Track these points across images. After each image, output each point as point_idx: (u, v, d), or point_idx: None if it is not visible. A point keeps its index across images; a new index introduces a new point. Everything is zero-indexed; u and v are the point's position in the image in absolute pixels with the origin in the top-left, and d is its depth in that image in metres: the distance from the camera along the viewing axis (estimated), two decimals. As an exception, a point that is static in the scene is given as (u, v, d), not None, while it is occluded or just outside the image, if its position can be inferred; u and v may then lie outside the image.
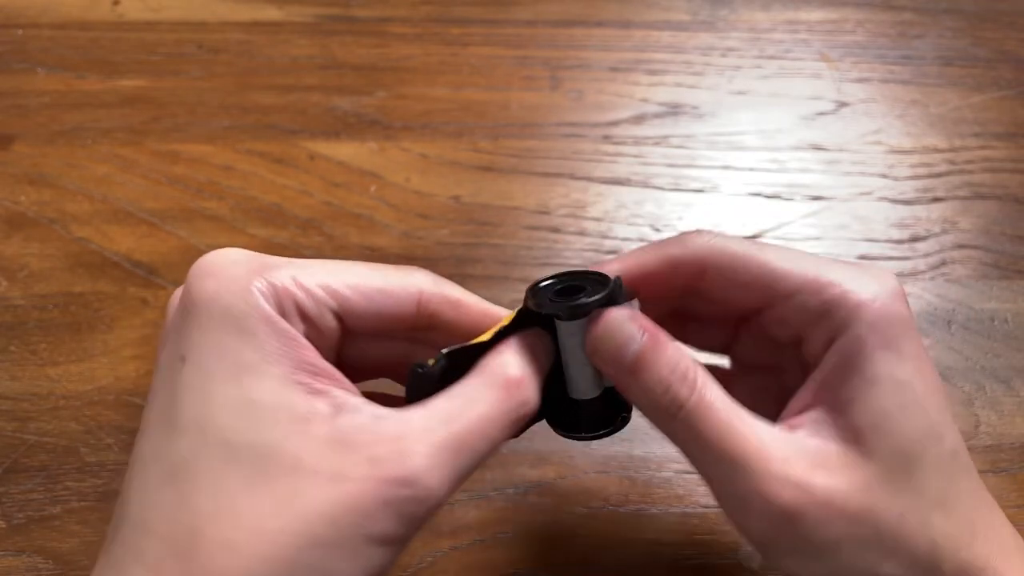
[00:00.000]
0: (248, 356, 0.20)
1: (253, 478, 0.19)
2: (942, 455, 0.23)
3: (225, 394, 0.20)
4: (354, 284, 0.23)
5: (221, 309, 0.21)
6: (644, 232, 0.43)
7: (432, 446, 0.20)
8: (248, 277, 0.21)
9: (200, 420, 0.20)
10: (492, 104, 0.48)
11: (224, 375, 0.20)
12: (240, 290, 0.21)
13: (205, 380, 0.20)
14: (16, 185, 0.44)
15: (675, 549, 0.33)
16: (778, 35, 0.53)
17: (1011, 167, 0.46)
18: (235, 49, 0.51)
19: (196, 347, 0.20)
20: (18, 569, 0.32)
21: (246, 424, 0.20)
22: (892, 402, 0.22)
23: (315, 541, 0.19)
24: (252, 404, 0.20)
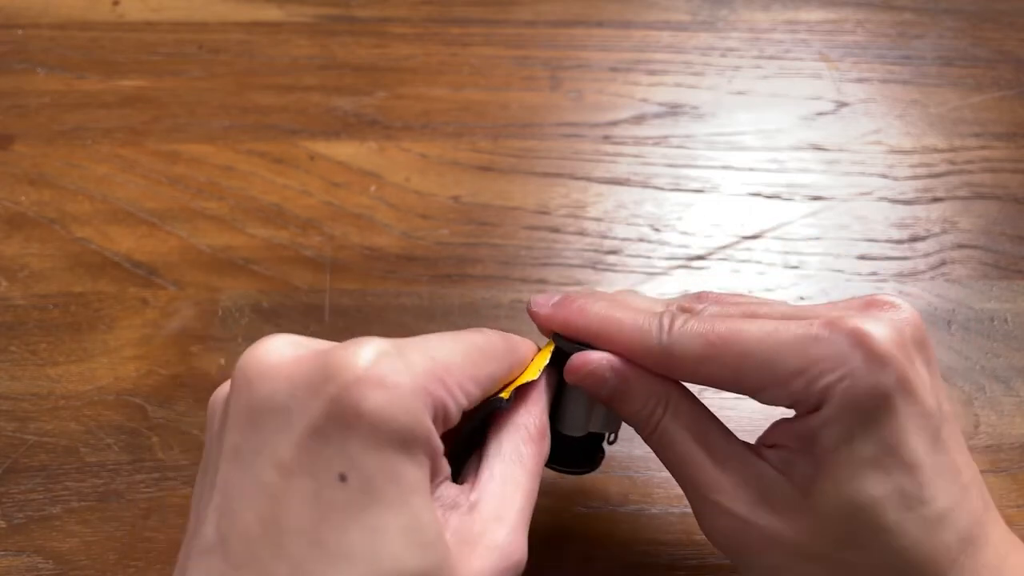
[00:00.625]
0: (413, 475, 0.19)
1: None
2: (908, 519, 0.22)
3: (397, 518, 0.19)
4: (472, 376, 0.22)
5: (392, 427, 0.19)
6: (644, 232, 0.43)
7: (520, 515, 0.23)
8: (416, 393, 0.19)
9: (375, 549, 0.18)
10: (492, 104, 0.48)
11: (395, 498, 0.19)
12: (413, 407, 0.19)
13: (374, 501, 0.19)
14: (16, 185, 0.44)
15: (675, 549, 0.33)
16: (778, 35, 0.53)
17: (1011, 167, 0.46)
18: (235, 49, 0.51)
19: (364, 467, 0.19)
20: (18, 569, 0.32)
21: (416, 550, 0.19)
22: (848, 471, 0.23)
23: None
24: (418, 527, 0.19)
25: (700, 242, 0.42)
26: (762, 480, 0.24)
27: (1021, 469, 0.35)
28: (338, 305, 0.40)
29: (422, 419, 0.19)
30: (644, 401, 0.26)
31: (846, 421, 0.22)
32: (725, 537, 0.25)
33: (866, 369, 0.22)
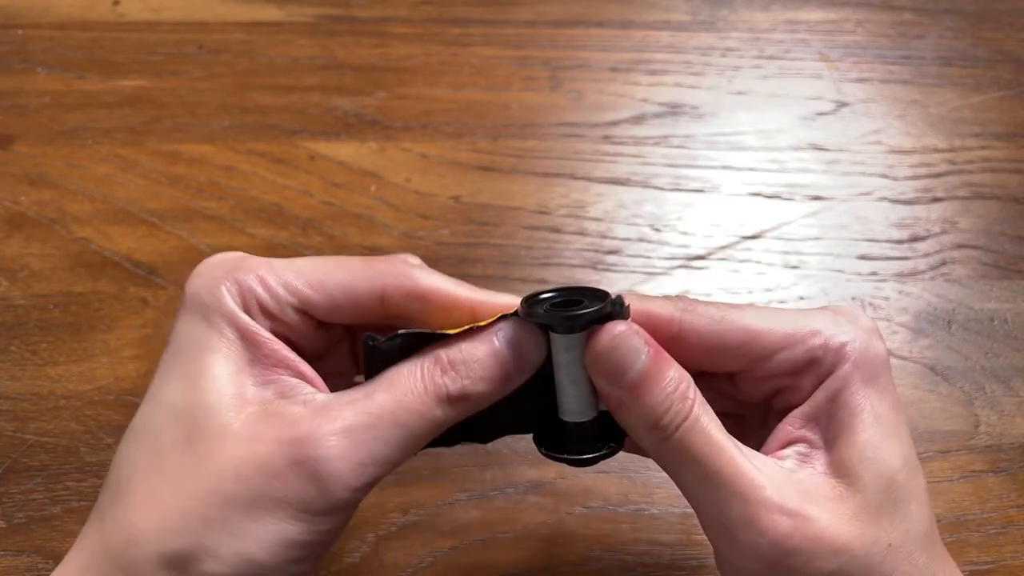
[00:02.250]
0: (214, 342, 0.23)
1: (184, 438, 0.22)
2: (922, 487, 0.23)
3: (184, 368, 0.22)
4: (317, 281, 0.24)
5: (196, 304, 0.23)
6: (644, 232, 0.43)
7: (346, 414, 0.22)
8: (221, 277, 0.23)
9: (156, 388, 0.23)
10: (492, 104, 0.48)
11: (189, 353, 0.23)
12: (210, 287, 0.23)
13: (173, 357, 0.23)
14: (16, 185, 0.44)
15: (675, 549, 0.33)
16: (778, 35, 0.53)
17: (1011, 167, 0.46)
18: (235, 49, 0.51)
19: (175, 333, 0.23)
20: (18, 569, 0.32)
21: (192, 390, 0.22)
22: (874, 433, 0.23)
23: (226, 498, 0.21)
24: (203, 374, 0.22)
25: (700, 242, 0.42)
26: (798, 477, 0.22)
27: (1021, 469, 0.35)
28: (338, 305, 0.40)
29: (220, 300, 0.23)
30: (678, 381, 0.22)
31: (863, 378, 0.23)
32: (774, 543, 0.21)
33: (867, 338, 0.24)
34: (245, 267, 0.24)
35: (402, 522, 0.33)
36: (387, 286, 0.24)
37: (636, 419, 0.22)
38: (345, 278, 0.24)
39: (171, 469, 0.21)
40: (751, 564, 0.22)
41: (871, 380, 0.23)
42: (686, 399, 0.22)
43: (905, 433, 0.23)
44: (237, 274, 0.23)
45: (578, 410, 0.24)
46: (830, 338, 0.23)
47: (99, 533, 0.22)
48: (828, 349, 0.23)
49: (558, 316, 0.23)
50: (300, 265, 0.24)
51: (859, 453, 0.22)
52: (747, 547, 0.21)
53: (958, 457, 0.35)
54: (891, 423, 0.23)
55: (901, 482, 0.22)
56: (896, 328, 0.39)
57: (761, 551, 0.21)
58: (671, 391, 0.22)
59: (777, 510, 0.21)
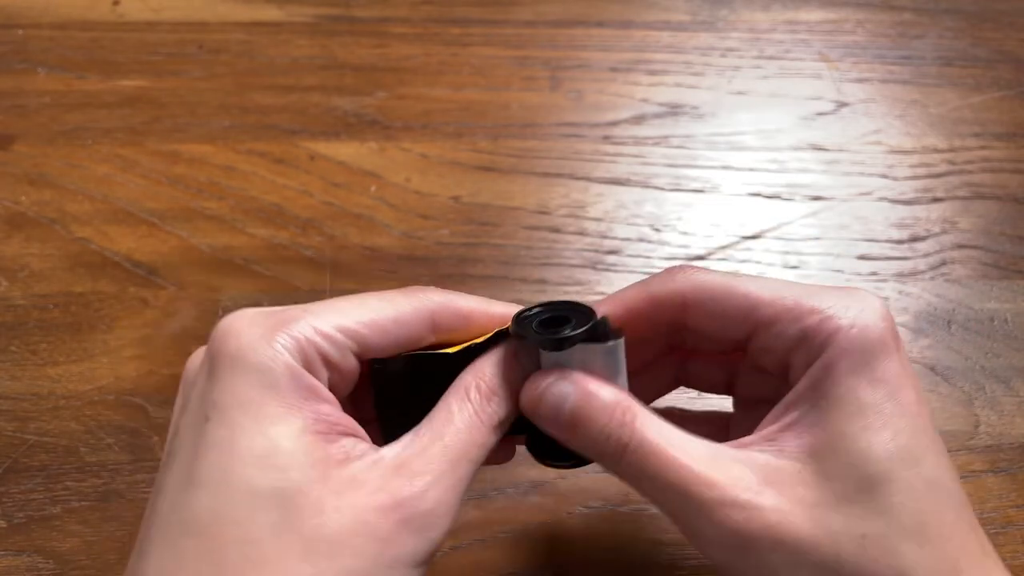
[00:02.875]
0: (272, 409, 0.21)
1: (279, 524, 0.20)
2: (916, 480, 0.22)
3: (250, 444, 0.20)
4: (369, 320, 0.23)
5: (245, 366, 0.21)
6: (644, 232, 0.43)
7: (431, 464, 0.22)
8: (271, 333, 0.21)
9: (224, 470, 0.20)
10: (492, 104, 0.48)
11: (249, 426, 0.20)
12: (264, 346, 0.21)
13: (230, 432, 0.20)
14: (16, 185, 0.44)
15: (675, 549, 0.33)
16: (778, 35, 0.53)
17: (1011, 167, 0.46)
18: (235, 49, 0.51)
19: (220, 405, 0.21)
20: (18, 569, 0.32)
21: (270, 471, 0.20)
22: (853, 422, 0.22)
23: (349, 573, 0.20)
24: (276, 451, 0.20)
25: (700, 242, 0.43)
26: (757, 463, 0.22)
27: (1021, 469, 0.35)
28: (338, 305, 0.40)
29: (279, 358, 0.21)
30: (612, 408, 0.23)
31: (853, 365, 0.22)
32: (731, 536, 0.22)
33: (870, 318, 0.23)
34: (290, 319, 0.22)
35: (402, 522, 0.33)
36: (435, 313, 0.24)
37: (585, 450, 0.24)
38: (395, 311, 0.24)
39: (277, 558, 0.20)
40: (720, 556, 0.23)
41: (862, 367, 0.22)
42: (623, 425, 0.23)
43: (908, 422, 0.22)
44: (287, 328, 0.22)
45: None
46: (826, 319, 0.23)
47: None
48: (820, 330, 0.23)
49: (544, 339, 0.24)
50: (345, 307, 0.23)
51: (829, 442, 0.22)
52: (709, 542, 0.22)
53: (958, 457, 0.35)
54: (880, 412, 0.22)
55: (882, 472, 0.21)
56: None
57: (723, 543, 0.22)
58: (605, 422, 0.23)
59: (728, 504, 0.22)
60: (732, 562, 0.22)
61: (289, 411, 0.21)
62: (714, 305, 0.24)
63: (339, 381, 0.23)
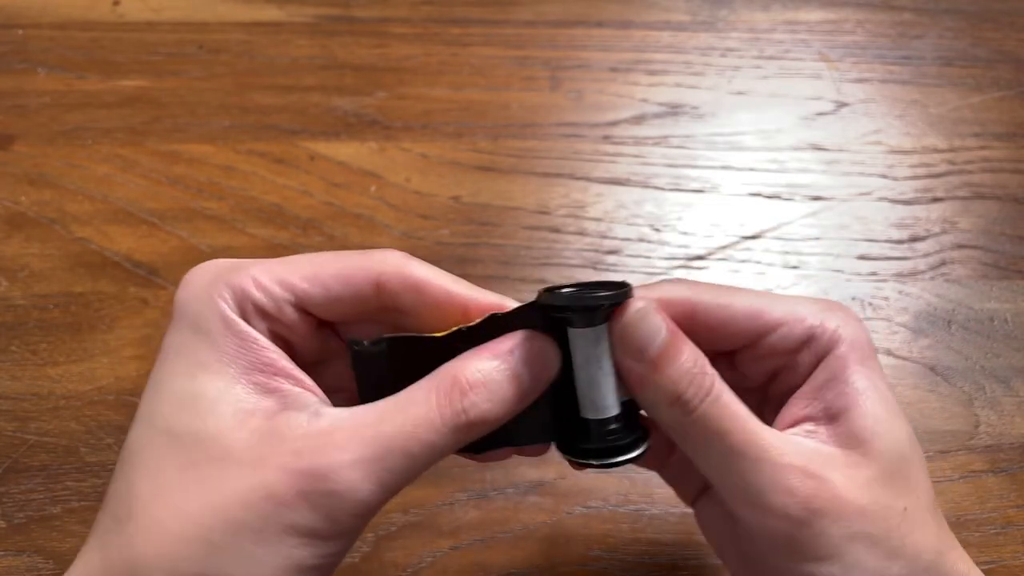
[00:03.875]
0: (204, 355, 0.22)
1: (186, 464, 0.21)
2: (923, 460, 0.24)
3: (176, 387, 0.22)
4: (311, 274, 0.23)
5: (186, 314, 0.22)
6: (644, 232, 0.43)
7: (357, 444, 0.21)
8: (212, 283, 0.22)
9: (150, 410, 0.22)
10: (492, 104, 0.48)
11: (180, 371, 0.22)
12: (203, 295, 0.22)
13: (163, 375, 0.22)
14: (16, 185, 0.44)
15: (675, 549, 0.33)
16: (778, 35, 0.53)
17: (1011, 167, 0.46)
18: (235, 49, 0.51)
19: (164, 348, 0.23)
20: (18, 569, 0.32)
21: (189, 414, 0.21)
22: (879, 407, 0.23)
23: (233, 525, 0.20)
24: (198, 396, 0.21)
25: (700, 242, 0.43)
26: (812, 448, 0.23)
27: (1021, 469, 0.35)
28: (338, 305, 0.40)
29: (213, 307, 0.22)
30: (695, 357, 0.22)
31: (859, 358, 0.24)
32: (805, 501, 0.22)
33: (856, 324, 0.25)
34: (236, 269, 0.23)
35: (402, 522, 0.33)
36: (382, 274, 0.23)
37: (660, 395, 0.22)
38: (339, 268, 0.23)
39: (174, 495, 0.21)
40: (781, 526, 0.22)
41: (865, 359, 0.24)
42: (705, 374, 0.22)
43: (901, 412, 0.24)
44: (229, 278, 0.22)
45: (601, 405, 0.23)
46: (826, 319, 0.24)
47: (101, 559, 0.21)
48: (824, 329, 0.24)
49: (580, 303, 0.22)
50: (293, 260, 0.23)
51: (871, 426, 0.23)
52: (776, 510, 0.22)
53: (958, 457, 0.35)
54: (891, 401, 0.24)
55: (908, 453, 0.23)
56: (896, 328, 0.40)
57: (790, 512, 0.22)
58: (690, 366, 0.22)
59: (802, 473, 0.22)
60: (790, 531, 0.22)
61: (221, 359, 0.22)
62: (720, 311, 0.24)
63: (287, 335, 0.23)
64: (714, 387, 0.22)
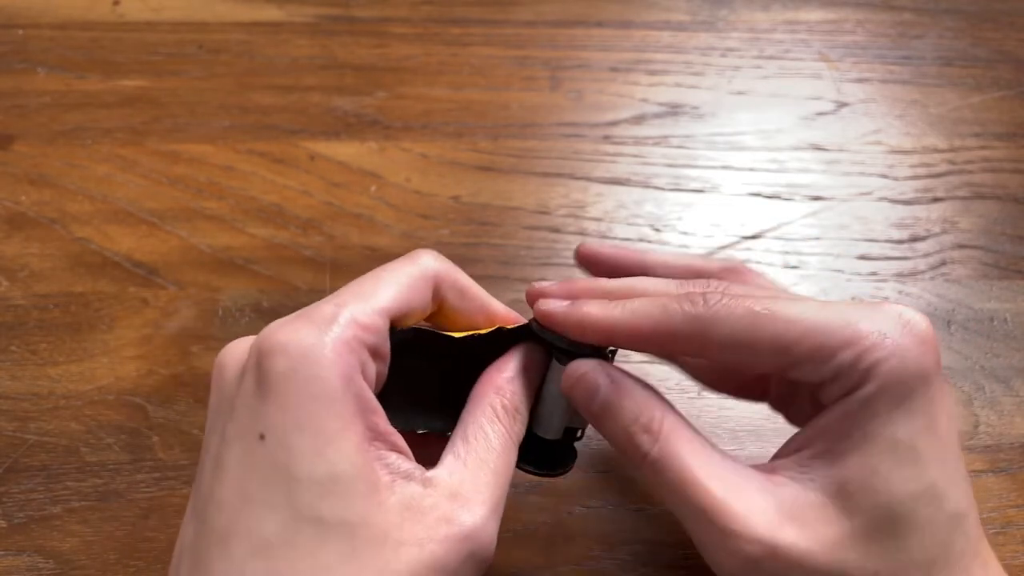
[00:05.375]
0: (328, 426, 0.20)
1: (348, 553, 0.20)
2: (937, 516, 0.22)
3: (311, 472, 0.20)
4: (394, 296, 0.23)
5: (299, 382, 0.20)
6: (644, 232, 0.43)
7: (483, 491, 0.22)
8: (318, 340, 0.21)
9: (289, 496, 0.20)
10: (492, 104, 0.48)
11: (308, 450, 0.20)
12: (316, 358, 0.21)
13: (289, 456, 0.20)
14: (16, 185, 0.44)
15: (675, 549, 0.33)
16: (778, 35, 0.53)
17: (1011, 167, 0.46)
18: (235, 49, 0.51)
19: (277, 425, 0.20)
20: (18, 569, 0.32)
21: (334, 501, 0.20)
22: (885, 460, 0.22)
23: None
24: (336, 478, 0.20)
25: (700, 242, 0.43)
26: (781, 496, 0.22)
27: (1021, 469, 0.35)
28: (338, 305, 0.40)
29: (327, 371, 0.21)
30: (639, 411, 0.23)
31: (889, 400, 0.22)
32: (743, 567, 0.22)
33: (914, 350, 0.22)
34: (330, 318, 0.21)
35: (402, 522, 0.33)
36: (437, 278, 0.24)
37: (611, 443, 0.25)
38: (409, 282, 0.24)
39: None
40: (727, 572, 0.23)
41: (898, 402, 0.22)
42: (649, 431, 0.23)
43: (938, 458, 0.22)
44: (332, 330, 0.21)
45: (553, 429, 0.27)
46: (864, 352, 0.22)
47: None
48: (856, 366, 0.22)
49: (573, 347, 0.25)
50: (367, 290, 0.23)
51: (860, 477, 0.22)
52: (720, 566, 0.23)
53: (958, 457, 0.35)
54: (913, 449, 0.22)
55: (906, 513, 0.22)
56: (896, 328, 0.40)
57: (733, 569, 0.22)
58: (631, 423, 0.23)
59: (745, 538, 0.22)
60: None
61: (343, 427, 0.21)
62: (739, 347, 0.23)
63: (381, 369, 0.23)
64: (657, 442, 0.23)
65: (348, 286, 0.23)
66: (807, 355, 0.22)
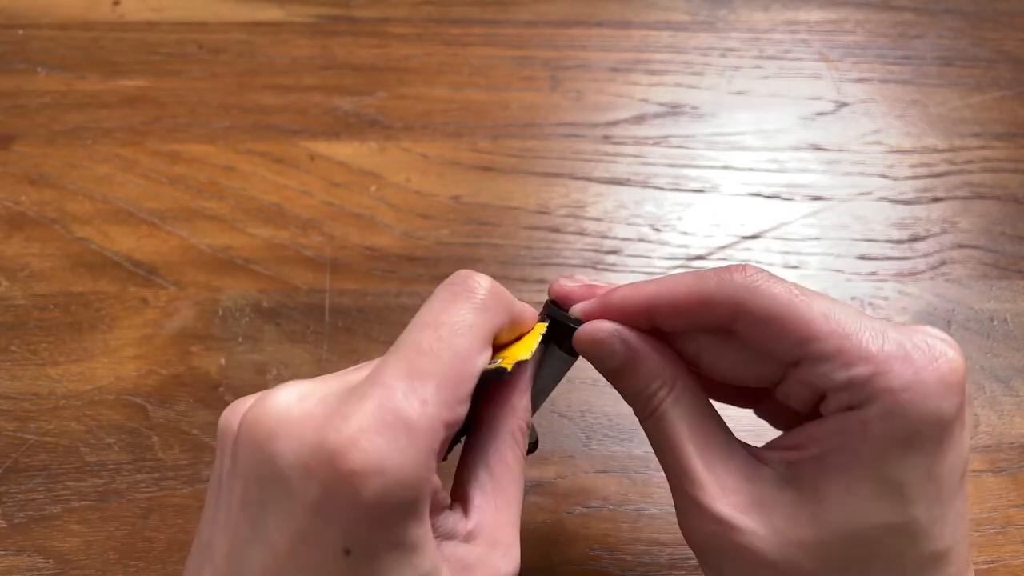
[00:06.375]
0: (414, 537, 0.20)
1: None
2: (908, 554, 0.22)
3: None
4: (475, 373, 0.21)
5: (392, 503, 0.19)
6: (644, 232, 0.43)
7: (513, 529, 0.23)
8: (415, 468, 0.19)
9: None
10: (492, 104, 0.48)
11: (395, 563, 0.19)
12: (414, 485, 0.19)
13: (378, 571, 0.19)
14: (17, 185, 0.44)
15: (675, 549, 0.33)
16: (778, 35, 0.53)
17: (1011, 167, 0.46)
18: (236, 49, 0.51)
19: (367, 544, 0.19)
20: (18, 568, 0.32)
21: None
22: (867, 487, 0.21)
23: None
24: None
25: (700, 242, 0.43)
26: (758, 483, 0.23)
27: (1021, 469, 0.35)
28: (338, 305, 0.40)
29: (423, 492, 0.19)
30: (648, 380, 0.24)
31: (889, 432, 0.21)
32: (703, 539, 0.24)
33: (934, 391, 0.21)
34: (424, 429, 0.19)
35: (402, 522, 0.33)
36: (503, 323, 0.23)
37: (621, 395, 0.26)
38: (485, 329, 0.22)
39: None
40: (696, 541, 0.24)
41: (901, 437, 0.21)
42: (654, 397, 0.24)
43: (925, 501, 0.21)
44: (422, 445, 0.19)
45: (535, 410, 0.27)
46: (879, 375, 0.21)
47: None
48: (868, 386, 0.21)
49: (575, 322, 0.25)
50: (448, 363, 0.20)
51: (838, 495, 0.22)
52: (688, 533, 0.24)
53: (958, 457, 0.35)
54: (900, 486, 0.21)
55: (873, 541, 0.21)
56: (896, 328, 0.40)
57: (693, 538, 0.24)
58: (641, 387, 0.25)
59: (707, 517, 0.23)
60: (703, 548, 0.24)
61: (426, 531, 0.20)
62: (769, 323, 0.22)
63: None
64: (657, 411, 0.24)
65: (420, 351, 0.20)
66: (827, 354, 0.21)
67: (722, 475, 0.23)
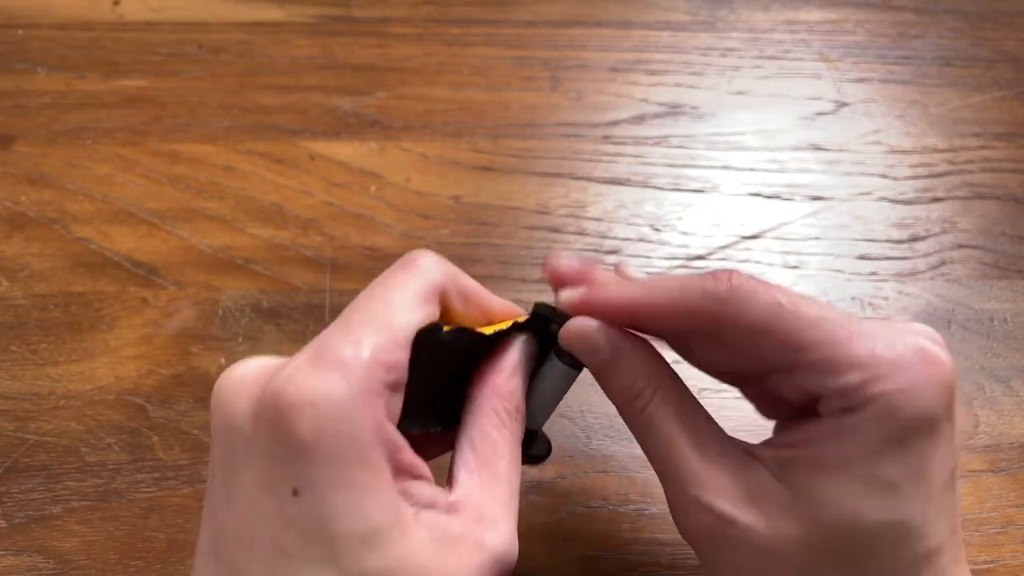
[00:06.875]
0: (363, 479, 0.20)
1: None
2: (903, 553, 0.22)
3: (352, 528, 0.20)
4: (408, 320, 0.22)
5: (330, 441, 0.19)
6: (644, 232, 0.43)
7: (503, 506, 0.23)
8: (347, 398, 0.20)
9: (332, 554, 0.20)
10: (492, 104, 0.48)
11: (346, 508, 0.20)
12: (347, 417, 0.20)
13: (327, 511, 0.20)
14: (17, 185, 0.44)
15: (675, 549, 0.33)
16: (778, 35, 0.53)
17: (1011, 167, 0.46)
18: (236, 49, 0.51)
19: (310, 482, 0.20)
20: (18, 569, 0.32)
21: (376, 555, 0.20)
22: (861, 487, 0.21)
23: None
24: (376, 533, 0.20)
25: (700, 242, 0.43)
26: (752, 479, 0.23)
27: (1020, 469, 0.35)
28: (338, 305, 0.40)
29: (359, 426, 0.20)
30: (633, 379, 0.24)
31: (882, 435, 0.21)
32: (699, 533, 0.24)
33: (926, 391, 0.21)
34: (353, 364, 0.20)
35: (402, 522, 0.33)
36: (443, 288, 0.24)
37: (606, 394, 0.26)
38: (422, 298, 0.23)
39: None
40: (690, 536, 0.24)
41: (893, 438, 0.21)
42: (640, 396, 0.24)
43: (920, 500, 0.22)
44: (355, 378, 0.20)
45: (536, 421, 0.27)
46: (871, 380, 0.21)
47: None
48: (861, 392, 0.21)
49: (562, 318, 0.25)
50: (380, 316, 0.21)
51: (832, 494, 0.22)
52: (683, 528, 0.24)
53: (958, 457, 0.35)
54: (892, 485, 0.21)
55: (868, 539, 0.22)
56: (896, 328, 0.39)
57: (688, 533, 0.24)
58: (626, 386, 0.25)
59: (704, 509, 0.23)
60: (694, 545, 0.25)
61: (376, 478, 0.20)
62: (755, 336, 0.22)
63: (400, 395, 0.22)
64: (645, 411, 0.24)
65: (355, 309, 0.22)
66: (816, 363, 0.22)
67: (716, 470, 0.23)
